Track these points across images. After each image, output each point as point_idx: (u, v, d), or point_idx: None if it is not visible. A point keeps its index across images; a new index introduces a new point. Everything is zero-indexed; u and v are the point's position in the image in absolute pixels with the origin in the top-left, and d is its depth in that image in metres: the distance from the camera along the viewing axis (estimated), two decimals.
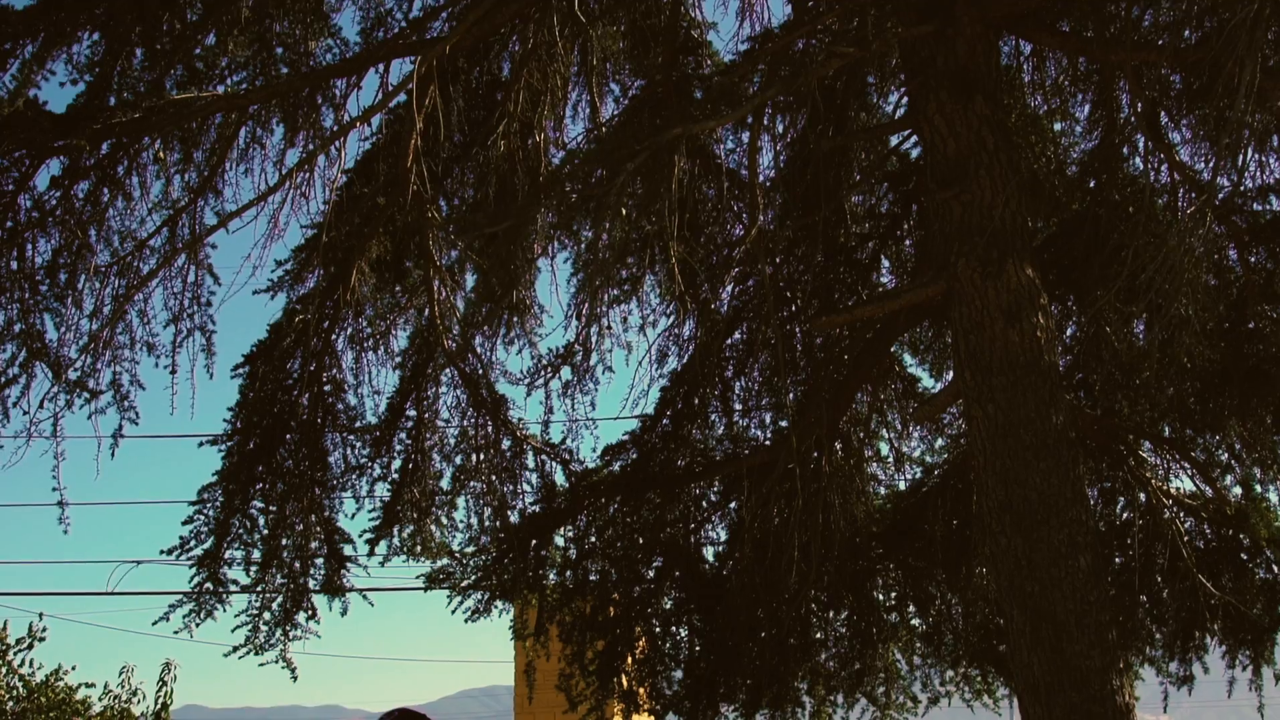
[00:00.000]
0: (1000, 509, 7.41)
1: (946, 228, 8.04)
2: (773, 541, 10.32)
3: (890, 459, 11.94)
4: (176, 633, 11.39)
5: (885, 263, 11.28)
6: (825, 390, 10.33)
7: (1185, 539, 10.37)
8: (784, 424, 10.81)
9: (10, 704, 14.63)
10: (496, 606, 11.80)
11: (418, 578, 11.97)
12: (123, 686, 15.68)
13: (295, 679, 11.83)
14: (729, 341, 11.11)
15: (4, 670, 14.29)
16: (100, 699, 15.53)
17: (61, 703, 14.99)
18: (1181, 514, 10.60)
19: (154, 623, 11.84)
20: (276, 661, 11.67)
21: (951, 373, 10.88)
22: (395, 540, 11.42)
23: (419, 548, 11.50)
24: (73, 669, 15.71)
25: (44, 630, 15.03)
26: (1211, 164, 8.92)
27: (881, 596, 12.11)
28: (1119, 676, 7.20)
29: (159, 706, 15.65)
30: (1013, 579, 7.32)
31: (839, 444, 11.01)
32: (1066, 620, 7.12)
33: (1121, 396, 10.36)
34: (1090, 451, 10.26)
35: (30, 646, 15.17)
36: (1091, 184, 10.22)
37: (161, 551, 11.21)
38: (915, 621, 12.31)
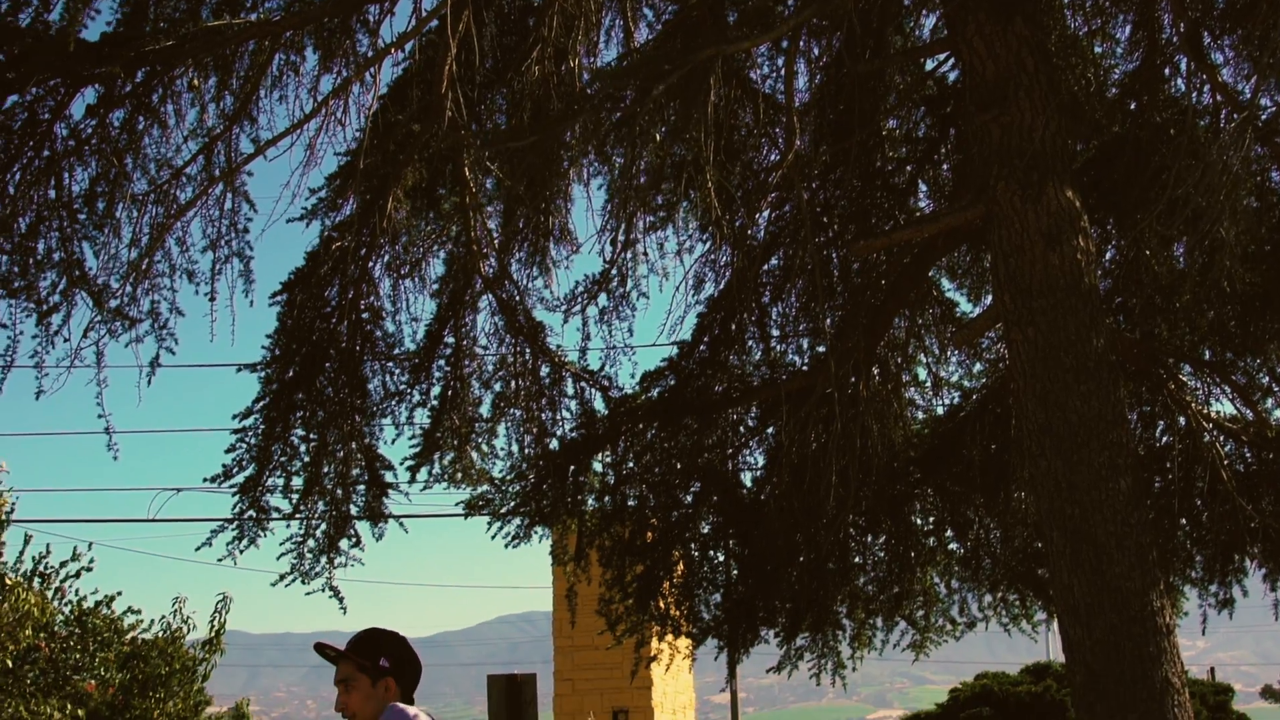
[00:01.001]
0: (1040, 432, 7.39)
1: (985, 151, 7.98)
2: (810, 466, 10.32)
3: (928, 384, 11.93)
4: (220, 560, 11.47)
5: (922, 187, 11.21)
6: (862, 315, 10.31)
7: (1225, 462, 10.33)
8: (821, 349, 10.79)
9: (59, 627, 14.77)
10: (536, 532, 11.86)
11: (457, 504, 12.04)
12: (175, 615, 15.84)
13: (344, 610, 11.94)
14: (766, 267, 11.07)
15: (52, 596, 14.40)
16: (150, 629, 15.69)
17: (111, 629, 15.13)
18: (1221, 437, 10.56)
19: (196, 549, 11.93)
20: (323, 590, 11.77)
21: (990, 297, 10.85)
22: (436, 468, 11.47)
23: (460, 475, 11.55)
24: (118, 594, 15.86)
25: (91, 560, 15.16)
26: (1253, 84, 8.82)
27: (919, 521, 12.12)
28: (1159, 598, 7.19)
29: (213, 634, 15.82)
30: (1053, 502, 7.31)
31: (876, 369, 10.98)
32: (1107, 542, 7.12)
33: (1161, 320, 10.29)
34: (1129, 375, 10.21)
35: (78, 575, 15.31)
36: (1132, 106, 10.12)
37: (205, 479, 11.28)
38: (953, 546, 12.33)
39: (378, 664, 5.56)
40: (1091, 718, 7.09)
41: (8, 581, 13.17)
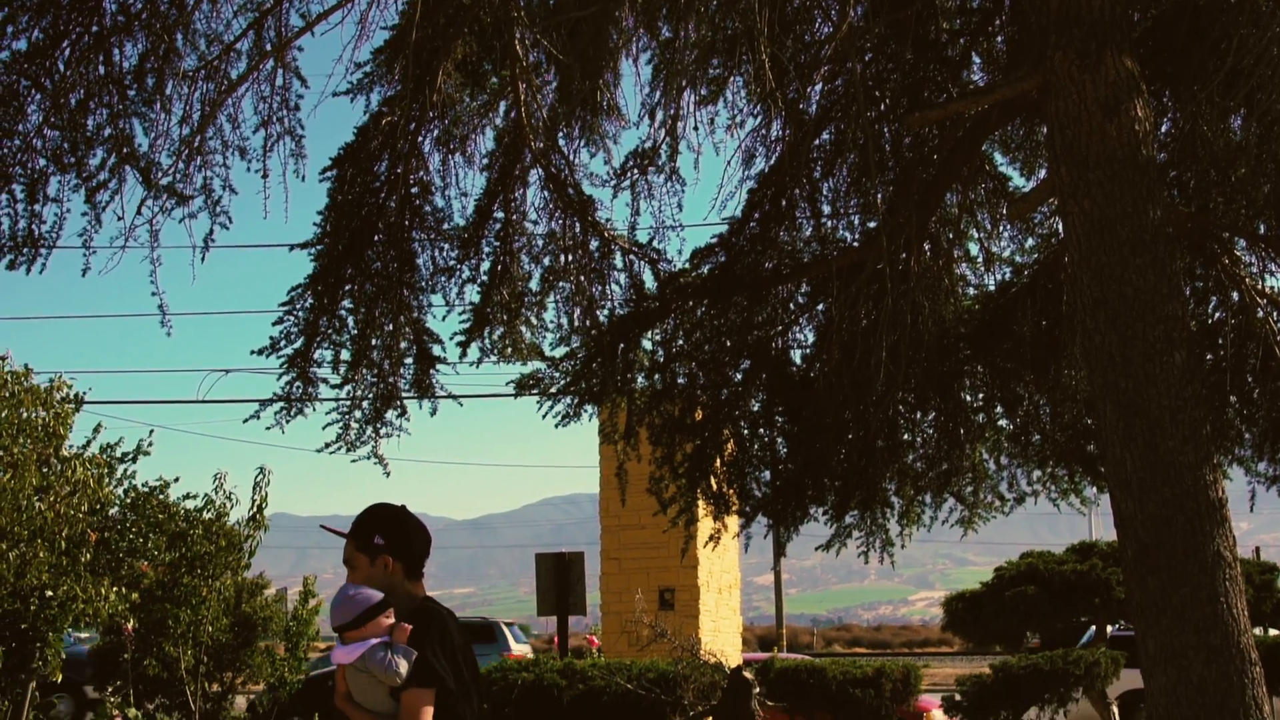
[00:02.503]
0: (1095, 306, 7.34)
1: (1042, 20, 7.86)
2: (860, 343, 10.28)
3: (979, 259, 11.86)
4: (269, 429, 11.56)
5: (976, 60, 11.06)
6: (914, 190, 10.22)
7: (1278, 338, 10.25)
8: (872, 225, 10.73)
9: (114, 510, 14.97)
10: (585, 410, 11.89)
11: (507, 384, 12.08)
12: (217, 492, 16.01)
13: (388, 475, 12.02)
14: (817, 142, 10.97)
15: (113, 483, 14.58)
16: (198, 507, 15.88)
17: (165, 512, 15.32)
18: (1275, 313, 10.47)
19: (245, 420, 12.03)
20: (369, 458, 11.86)
21: (1044, 170, 10.75)
22: (486, 342, 11.50)
23: (509, 349, 11.57)
24: (176, 480, 16.05)
25: (150, 444, 15.33)
26: None
27: (969, 397, 12.10)
28: (1212, 472, 7.18)
29: (254, 510, 15.97)
30: (1107, 375, 7.28)
31: (928, 245, 10.90)
32: (1160, 416, 7.09)
33: (1216, 194, 10.17)
34: (1183, 250, 10.12)
35: (135, 458, 15.49)
36: None
37: (252, 352, 11.35)
38: (1003, 422, 12.32)
39: (372, 541, 5.39)
40: (1143, 592, 7.10)
41: (65, 454, 13.35)
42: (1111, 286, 7.27)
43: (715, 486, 12.06)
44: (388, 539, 5.40)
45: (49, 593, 12.86)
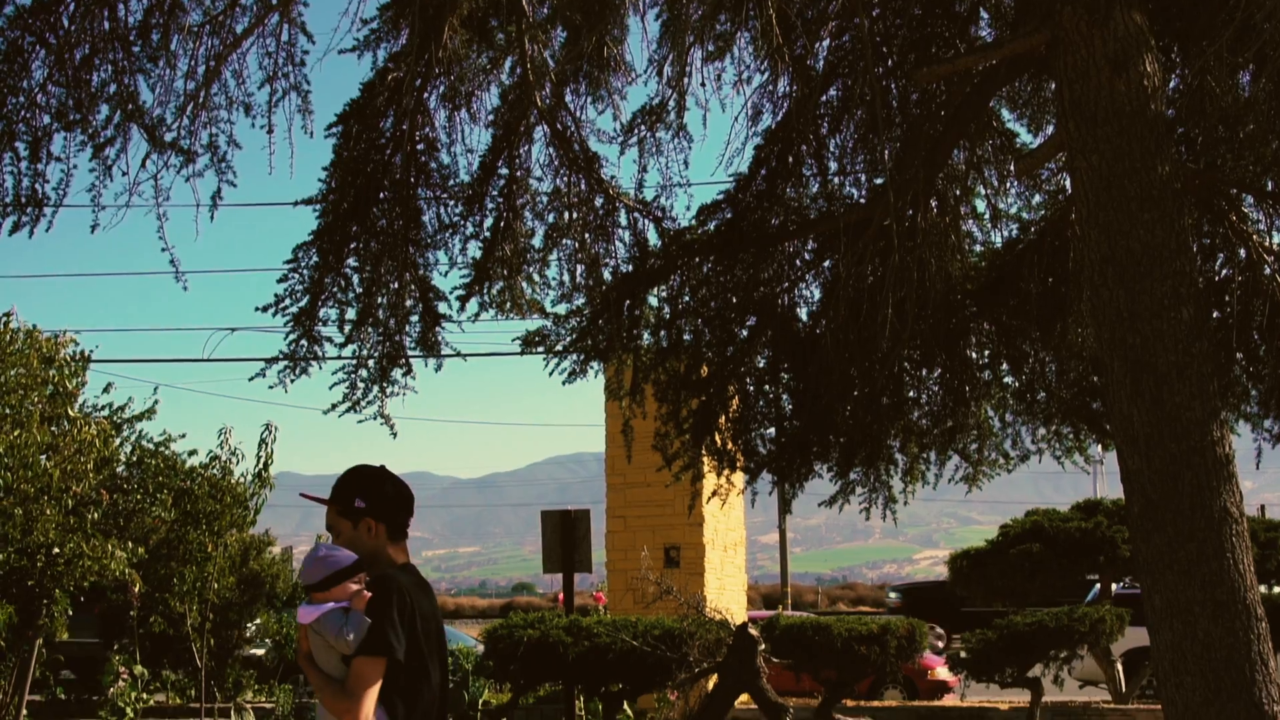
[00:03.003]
0: (1103, 261, 7.32)
1: None
2: (867, 299, 10.27)
3: (986, 216, 11.82)
4: (271, 388, 11.58)
5: (984, 15, 11.01)
6: (921, 146, 10.18)
7: None
8: (879, 181, 10.70)
9: (121, 468, 15.00)
10: (591, 367, 11.89)
11: (514, 340, 12.07)
12: (222, 447, 16.04)
13: (395, 435, 12.03)
14: (824, 98, 10.93)
15: (119, 442, 14.61)
16: (202, 463, 15.91)
17: (170, 468, 15.36)
18: None
19: (250, 378, 12.04)
20: (375, 419, 11.86)
21: (1052, 126, 10.70)
22: (486, 296, 11.49)
23: (509, 304, 11.57)
24: (182, 436, 16.09)
25: (156, 403, 15.35)
26: None
27: (975, 355, 12.09)
28: (1219, 428, 7.17)
29: (260, 466, 16.00)
30: (1114, 331, 7.26)
31: (935, 201, 10.87)
32: (1168, 372, 7.07)
33: (1224, 150, 10.12)
34: (1190, 207, 10.08)
35: (144, 418, 15.52)
36: None
37: (257, 309, 11.34)
38: (1008, 379, 12.32)
39: (353, 504, 5.28)
40: (1149, 547, 7.10)
41: (71, 414, 13.37)
42: (1119, 242, 7.24)
43: (720, 443, 12.07)
44: (369, 501, 5.30)
45: (55, 550, 12.91)
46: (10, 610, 12.03)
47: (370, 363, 11.70)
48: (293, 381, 11.52)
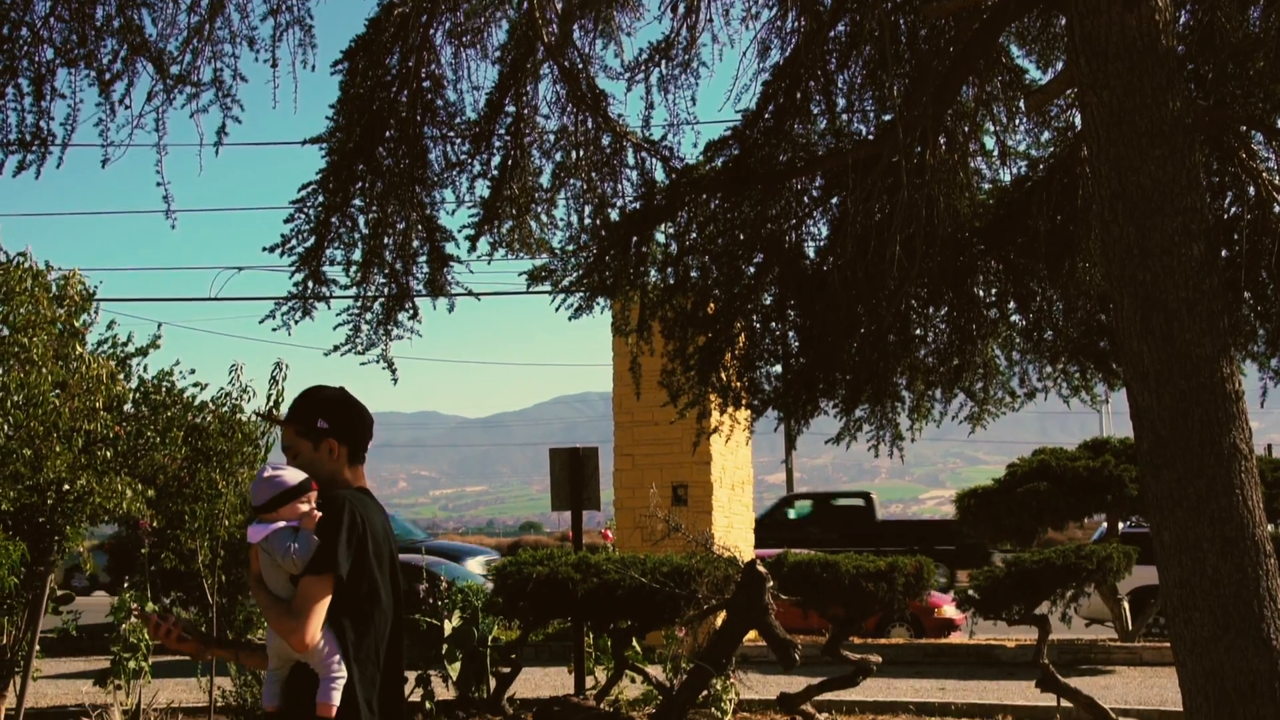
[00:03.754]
0: (1113, 197, 7.28)
1: None
2: (875, 237, 10.24)
3: (995, 153, 11.78)
4: (275, 330, 11.56)
5: None
6: (930, 83, 10.12)
7: None
8: (887, 118, 10.65)
9: (129, 406, 14.99)
10: (598, 304, 11.89)
11: (520, 274, 12.06)
12: (233, 384, 16.03)
13: (395, 380, 12.03)
14: (832, 34, 10.86)
15: (124, 377, 14.60)
16: (214, 398, 15.92)
17: (178, 404, 15.35)
18: None
19: (260, 321, 12.04)
20: (377, 362, 11.85)
21: (1061, 62, 10.63)
22: (494, 236, 11.47)
23: (518, 243, 11.55)
24: (192, 371, 16.07)
25: (159, 339, 15.32)
26: None
27: (982, 293, 12.07)
28: (1229, 365, 7.15)
29: (270, 404, 16.00)
30: (1124, 268, 7.23)
31: (943, 138, 10.83)
32: (1178, 308, 7.05)
33: (1234, 87, 10.06)
34: (1200, 144, 10.02)
35: (146, 353, 15.51)
36: None
37: (264, 249, 11.33)
38: (1015, 318, 12.30)
39: (315, 425, 5.14)
40: (1158, 484, 7.09)
41: (78, 349, 13.35)
42: (1130, 178, 7.20)
43: (725, 380, 12.08)
44: (332, 422, 5.17)
45: (66, 487, 12.92)
46: (23, 547, 12.06)
47: (376, 305, 11.69)
48: (296, 324, 11.51)
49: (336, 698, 4.72)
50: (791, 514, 37.43)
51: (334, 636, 4.77)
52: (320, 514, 4.87)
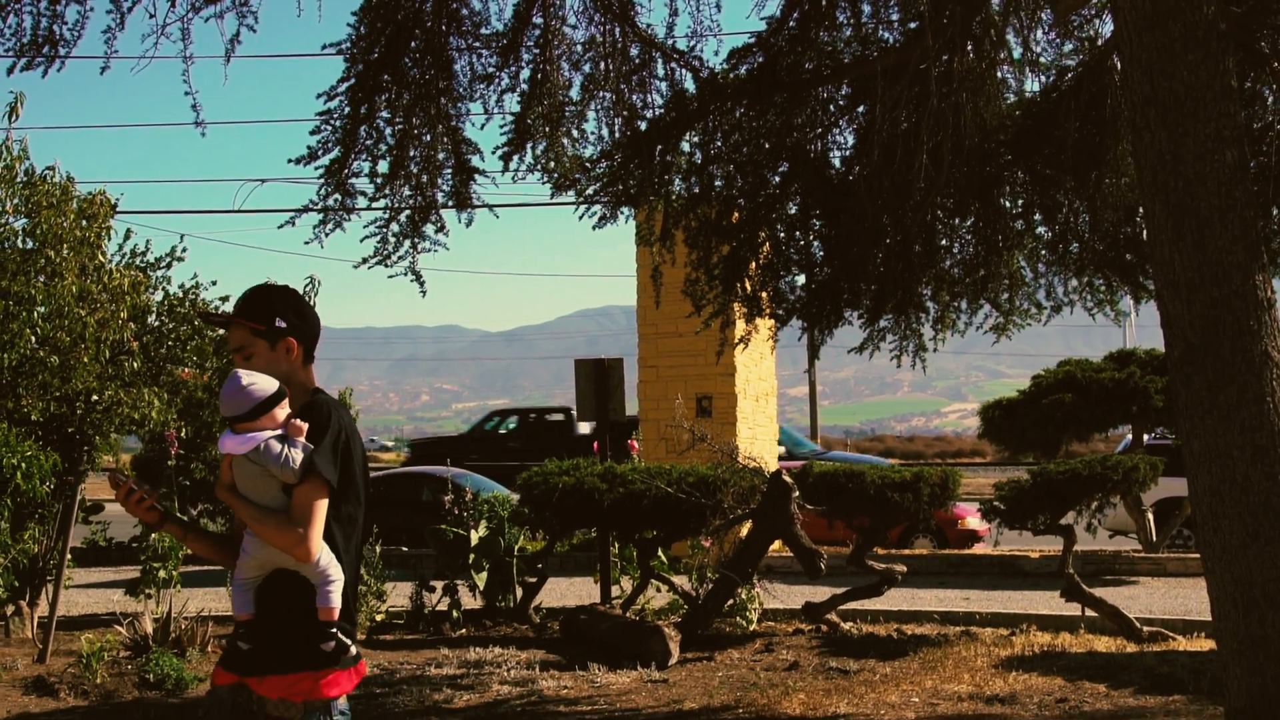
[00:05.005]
0: (1145, 104, 7.21)
1: None
2: (901, 146, 10.17)
3: (1023, 62, 11.66)
4: (307, 242, 11.57)
5: None
6: None
7: None
8: (914, 25, 10.55)
9: (152, 319, 15.05)
10: (622, 213, 11.86)
11: (543, 183, 12.00)
12: None
13: (424, 292, 12.04)
14: None
15: (148, 290, 14.66)
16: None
17: (202, 314, 15.41)
18: None
19: (279, 226, 12.06)
20: (405, 274, 11.86)
21: None
22: (529, 157, 11.41)
23: (552, 164, 11.49)
24: (213, 284, 16.13)
25: (184, 250, 15.38)
26: None
27: (1008, 204, 12.00)
28: (1260, 272, 7.11)
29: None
30: (1156, 175, 7.18)
31: (970, 46, 10.72)
32: (1210, 215, 7.00)
33: None
34: (1231, 51, 9.90)
35: (169, 265, 15.56)
36: None
37: (289, 160, 11.31)
38: (1041, 229, 12.24)
39: (274, 324, 4.94)
40: (1188, 392, 7.08)
41: (101, 259, 13.39)
42: (1162, 84, 7.13)
43: (749, 289, 12.06)
44: (289, 321, 5.00)
45: (94, 398, 13.00)
46: (55, 457, 12.16)
47: (402, 217, 11.68)
48: (327, 235, 11.56)
49: (337, 600, 4.70)
50: (498, 428, 38.77)
51: (324, 541, 4.75)
52: (305, 422, 4.78)
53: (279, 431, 4.73)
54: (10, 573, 12.76)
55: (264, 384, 4.78)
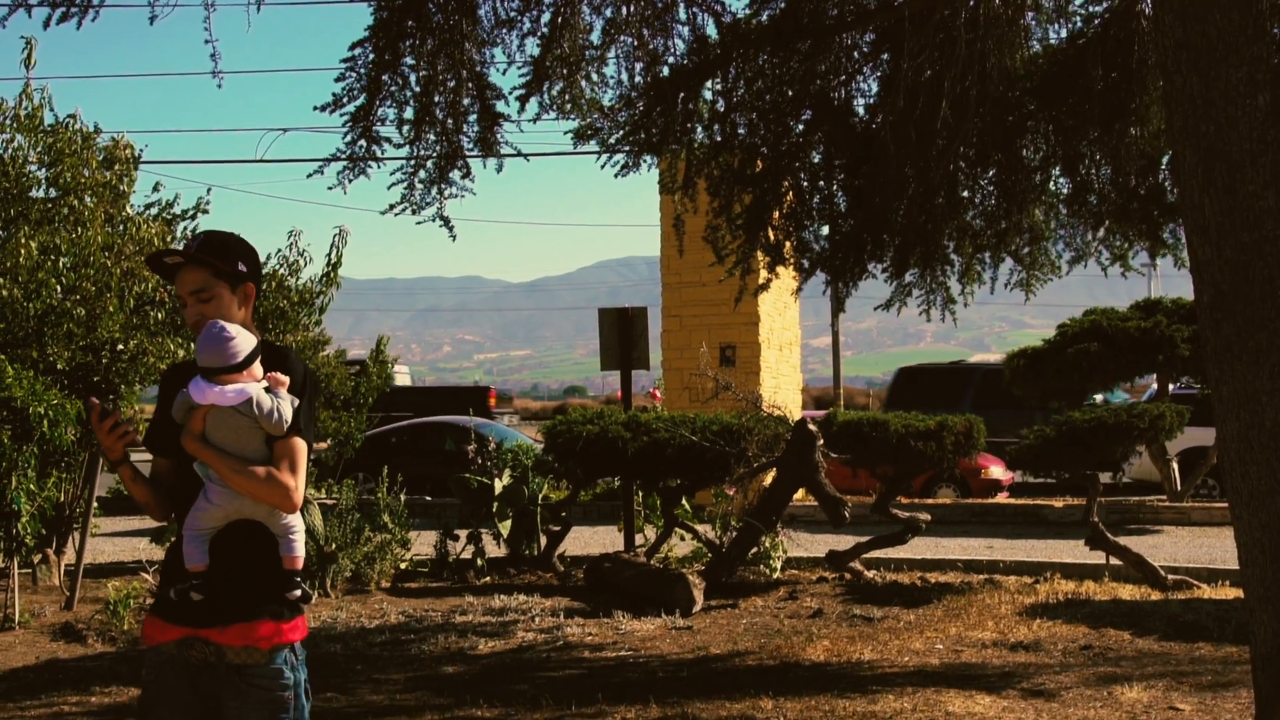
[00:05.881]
0: (1177, 47, 7.14)
1: None
2: (925, 93, 10.10)
3: (1049, 8, 11.56)
4: (330, 189, 11.55)
5: None
6: None
7: None
8: None
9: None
10: (644, 161, 11.82)
11: (566, 134, 11.97)
12: (291, 249, 16.14)
13: (454, 237, 12.02)
14: None
15: (172, 241, 14.68)
16: (273, 269, 16.02)
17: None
18: None
19: (309, 175, 12.04)
20: (433, 220, 11.85)
21: None
22: (545, 97, 11.36)
23: (569, 104, 11.44)
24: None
25: (208, 203, 15.41)
26: None
27: (1030, 155, 11.91)
28: None
29: (329, 268, 16.13)
30: (1186, 119, 7.11)
31: None
32: (1241, 160, 6.93)
33: None
34: None
35: (194, 216, 15.58)
36: None
37: (315, 108, 11.28)
38: (1064, 180, 12.15)
39: (236, 268, 4.80)
40: (1218, 338, 7.03)
41: (128, 210, 13.41)
42: (1194, 26, 7.06)
43: (772, 239, 12.02)
44: (249, 266, 4.88)
45: (120, 347, 13.03)
46: (80, 405, 12.20)
47: (429, 163, 11.65)
48: (351, 182, 11.50)
49: (302, 549, 4.70)
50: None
51: None
52: (285, 376, 4.70)
53: (264, 384, 4.65)
54: (37, 521, 12.83)
55: (246, 335, 4.68)
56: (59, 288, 13.09)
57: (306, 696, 4.72)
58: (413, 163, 11.65)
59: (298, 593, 4.68)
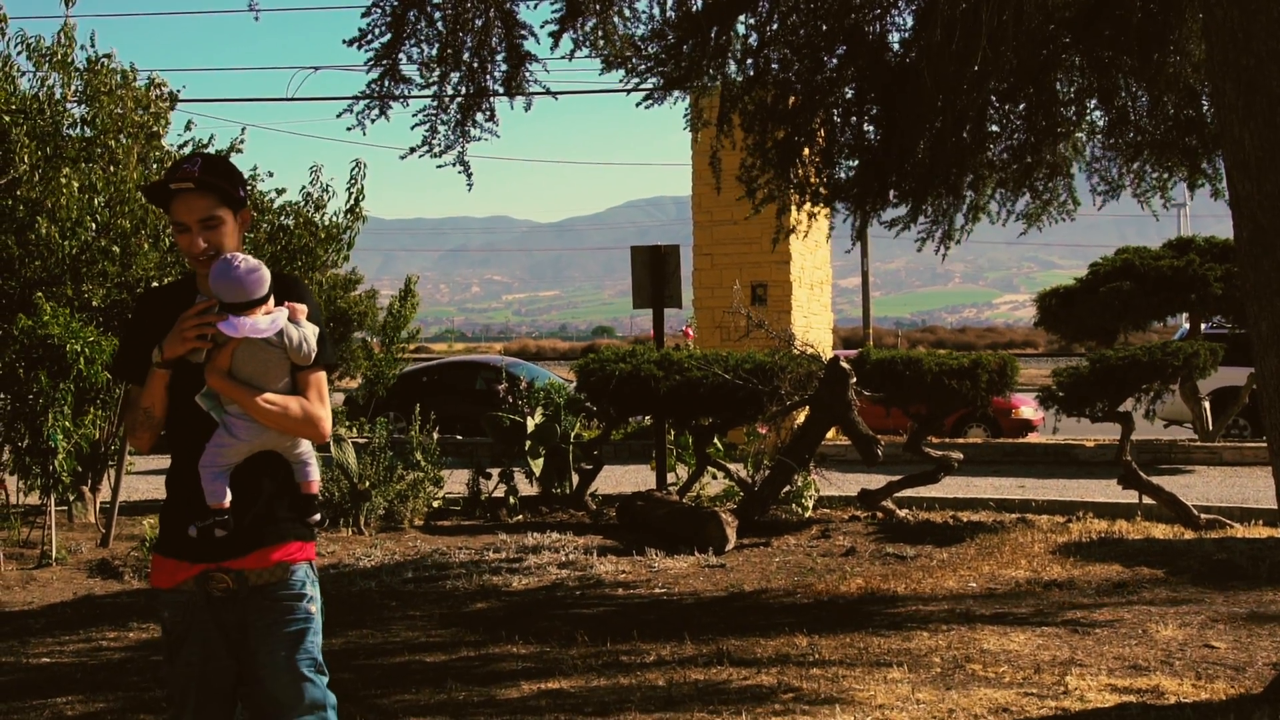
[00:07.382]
0: None
1: None
2: (961, 26, 10.00)
3: None
4: (349, 129, 11.51)
5: None
6: None
7: None
8: None
9: None
10: (673, 96, 11.75)
11: (594, 59, 11.89)
12: (314, 184, 16.13)
13: (470, 185, 11.98)
14: None
15: None
16: (295, 202, 16.03)
17: (257, 207, 15.45)
18: None
19: (338, 115, 12.00)
20: (453, 165, 11.79)
21: None
22: (578, 33, 11.28)
23: (602, 41, 11.36)
24: (270, 174, 16.17)
25: (242, 142, 15.41)
26: None
27: (1064, 88, 11.80)
28: None
29: (352, 202, 16.12)
30: (1226, 53, 7.05)
31: None
32: None
33: None
34: None
35: (228, 155, 15.59)
36: None
37: (344, 41, 11.25)
38: (1098, 114, 12.05)
39: (239, 193, 4.62)
40: (1256, 274, 6.99)
41: (161, 148, 13.41)
42: None
43: (804, 175, 11.96)
44: (245, 193, 4.73)
45: (155, 284, 13.07)
46: (115, 342, 12.25)
47: (452, 106, 11.56)
48: (372, 122, 11.42)
49: (317, 474, 4.70)
50: None
51: None
52: (303, 306, 4.62)
53: (285, 313, 4.56)
54: (73, 458, 12.90)
55: (264, 267, 4.56)
56: (94, 226, 13.13)
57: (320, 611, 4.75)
58: (436, 105, 11.58)
59: (317, 515, 4.70)
